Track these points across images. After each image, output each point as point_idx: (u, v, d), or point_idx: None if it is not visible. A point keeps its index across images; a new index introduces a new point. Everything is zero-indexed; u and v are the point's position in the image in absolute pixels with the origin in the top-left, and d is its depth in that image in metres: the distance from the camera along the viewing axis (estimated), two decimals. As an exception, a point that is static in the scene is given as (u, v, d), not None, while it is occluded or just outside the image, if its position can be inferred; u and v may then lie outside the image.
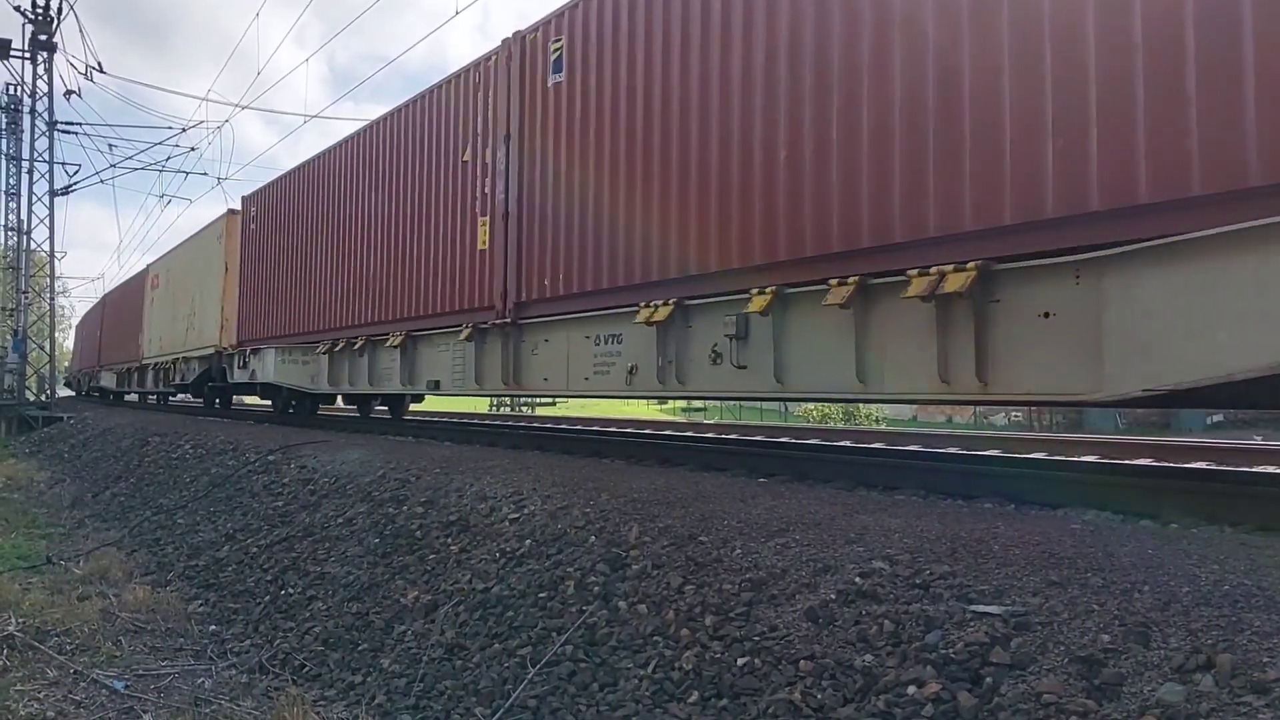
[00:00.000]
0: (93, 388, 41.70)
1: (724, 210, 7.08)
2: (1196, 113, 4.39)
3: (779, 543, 4.42)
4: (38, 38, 29.57)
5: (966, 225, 5.37)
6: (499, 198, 10.09)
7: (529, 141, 9.70)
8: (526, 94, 9.79)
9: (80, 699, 5.31)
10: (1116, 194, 4.66)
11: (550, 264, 9.28)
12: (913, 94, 5.67)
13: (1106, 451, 8.79)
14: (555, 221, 9.21)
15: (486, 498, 6.54)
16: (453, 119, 11.26)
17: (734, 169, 6.98)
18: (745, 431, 14.20)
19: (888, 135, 5.82)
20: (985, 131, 5.27)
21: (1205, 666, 2.66)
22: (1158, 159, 4.52)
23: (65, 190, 32.66)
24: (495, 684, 4.48)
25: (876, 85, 5.91)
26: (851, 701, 3.26)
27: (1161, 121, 4.51)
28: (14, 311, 31.84)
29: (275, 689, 5.30)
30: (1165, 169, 4.47)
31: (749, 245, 6.86)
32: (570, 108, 9.06)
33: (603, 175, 8.50)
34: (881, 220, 5.85)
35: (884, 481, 6.50)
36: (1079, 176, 4.80)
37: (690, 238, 7.39)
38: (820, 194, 6.24)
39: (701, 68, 7.37)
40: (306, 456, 10.15)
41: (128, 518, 11.31)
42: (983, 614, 3.27)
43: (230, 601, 7.15)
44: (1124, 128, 4.65)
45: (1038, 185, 5.00)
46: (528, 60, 9.82)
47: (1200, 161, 4.36)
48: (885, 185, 5.82)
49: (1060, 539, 3.95)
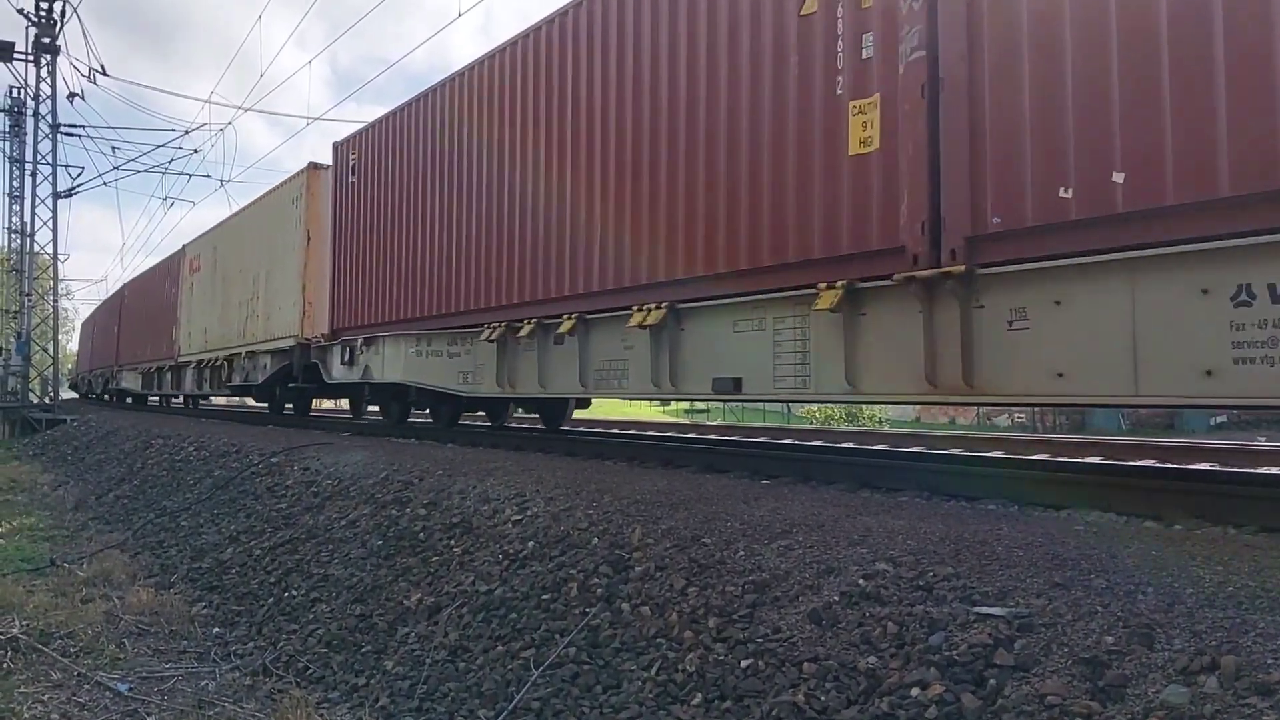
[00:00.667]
0: (111, 390, 36.71)
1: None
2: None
3: (782, 544, 4.42)
4: (41, 40, 29.65)
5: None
6: (912, 57, 5.81)
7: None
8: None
9: (84, 701, 5.31)
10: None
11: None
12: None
13: (1110, 452, 8.78)
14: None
15: (489, 499, 6.55)
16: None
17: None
18: (749, 433, 14.21)
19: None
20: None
21: (1210, 668, 2.66)
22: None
23: (68, 193, 32.76)
24: (499, 686, 4.49)
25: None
26: (855, 703, 3.25)
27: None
28: (17, 314, 31.88)
29: (279, 691, 5.30)
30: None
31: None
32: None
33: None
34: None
35: (887, 483, 6.49)
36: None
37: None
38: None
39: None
40: (310, 459, 10.16)
41: (131, 520, 11.32)
42: (986, 616, 3.27)
43: (234, 604, 7.16)
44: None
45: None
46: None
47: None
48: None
49: (1064, 540, 3.95)
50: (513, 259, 9.97)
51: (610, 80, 8.66)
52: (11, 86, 32.00)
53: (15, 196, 32.08)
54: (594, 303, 8.79)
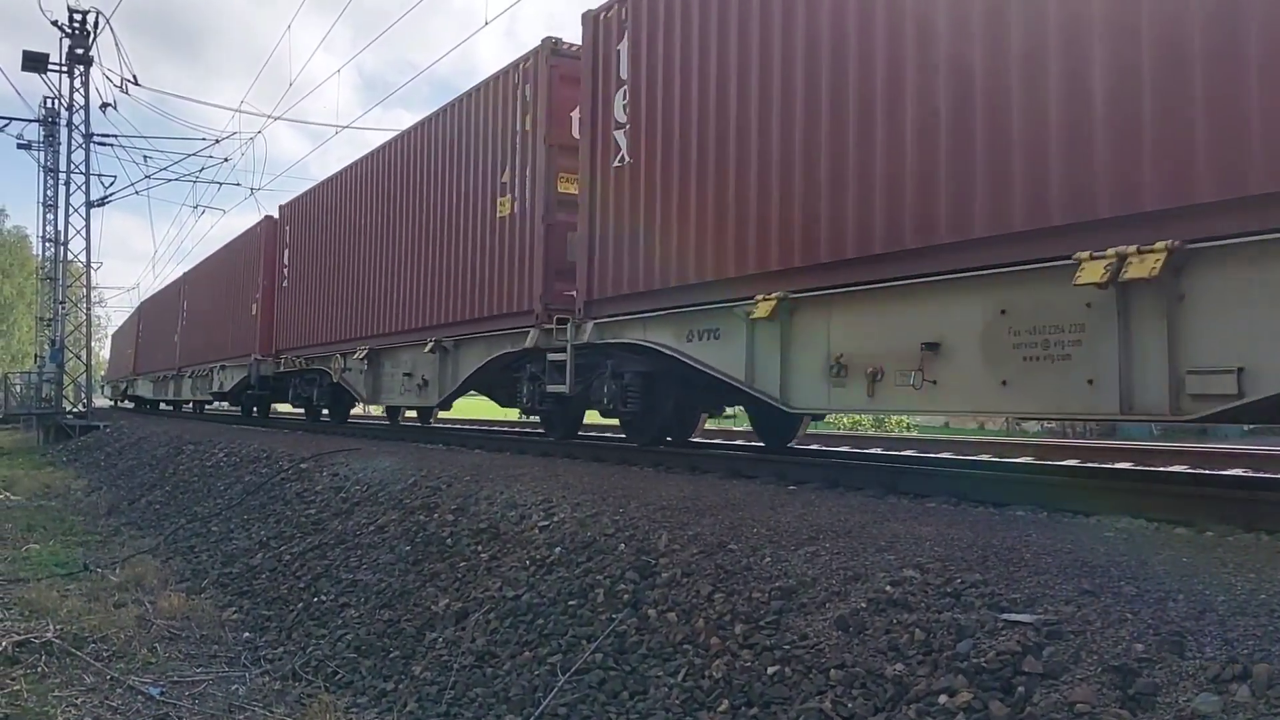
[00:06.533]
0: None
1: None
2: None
3: (809, 551, 4.41)
4: (74, 51, 30.00)
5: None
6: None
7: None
8: None
9: (116, 705, 5.38)
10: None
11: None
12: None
13: (1140, 459, 8.70)
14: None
15: (516, 505, 6.57)
16: None
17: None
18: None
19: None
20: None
21: (1241, 676, 2.63)
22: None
23: (101, 201, 33.09)
24: (526, 691, 4.50)
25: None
26: (882, 710, 3.25)
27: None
28: (51, 321, 32.29)
29: (308, 696, 5.35)
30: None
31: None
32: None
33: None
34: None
35: (915, 489, 6.46)
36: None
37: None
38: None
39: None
40: (339, 464, 10.23)
41: (163, 525, 11.45)
42: (1015, 622, 3.25)
43: (264, 609, 7.22)
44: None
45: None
46: None
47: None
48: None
49: (1093, 547, 3.91)
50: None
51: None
52: (46, 97, 32.27)
53: (49, 205, 32.45)
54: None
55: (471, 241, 11.94)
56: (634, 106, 8.84)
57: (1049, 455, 9.46)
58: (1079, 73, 5.06)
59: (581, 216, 9.59)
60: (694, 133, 8.01)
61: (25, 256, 64.31)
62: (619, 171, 9.01)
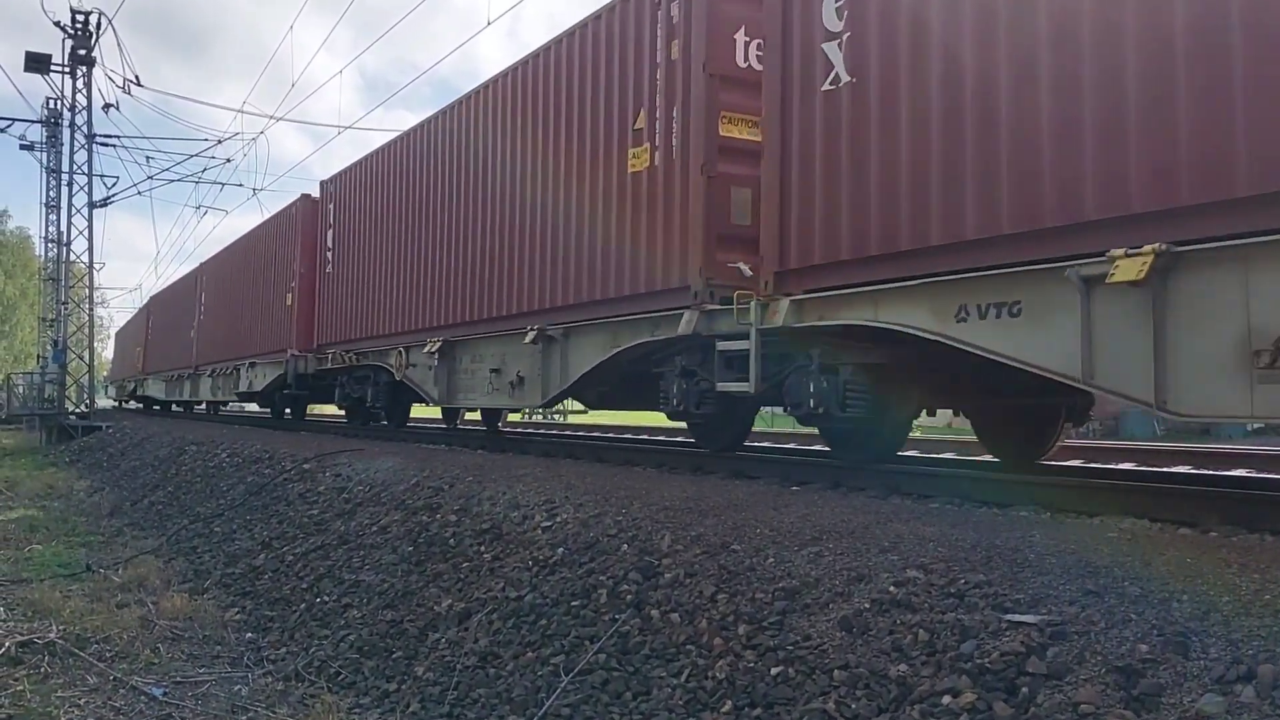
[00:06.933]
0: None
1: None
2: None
3: (812, 551, 4.41)
4: (77, 52, 30.02)
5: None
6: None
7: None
8: None
9: (119, 705, 5.39)
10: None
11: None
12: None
13: (1144, 459, 8.68)
14: None
15: (519, 506, 6.57)
16: None
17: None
18: (776, 439, 14.16)
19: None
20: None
21: (1246, 677, 2.63)
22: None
23: (104, 202, 33.08)
24: (529, 692, 4.50)
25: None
26: (886, 711, 3.24)
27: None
28: (54, 322, 32.32)
29: (311, 696, 5.35)
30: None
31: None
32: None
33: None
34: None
35: (918, 489, 6.45)
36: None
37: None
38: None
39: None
40: (341, 465, 10.23)
41: (165, 526, 11.46)
42: (1018, 623, 3.24)
43: (266, 609, 7.22)
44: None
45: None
46: None
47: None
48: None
49: (1097, 547, 3.91)
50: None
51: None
52: (48, 98, 32.29)
53: (52, 206, 32.52)
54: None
55: (589, 206, 9.69)
56: (857, 6, 6.62)
57: (1054, 455, 9.44)
58: None
59: (768, 162, 7.41)
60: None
61: (28, 257, 64.31)
62: (832, 97, 6.80)
